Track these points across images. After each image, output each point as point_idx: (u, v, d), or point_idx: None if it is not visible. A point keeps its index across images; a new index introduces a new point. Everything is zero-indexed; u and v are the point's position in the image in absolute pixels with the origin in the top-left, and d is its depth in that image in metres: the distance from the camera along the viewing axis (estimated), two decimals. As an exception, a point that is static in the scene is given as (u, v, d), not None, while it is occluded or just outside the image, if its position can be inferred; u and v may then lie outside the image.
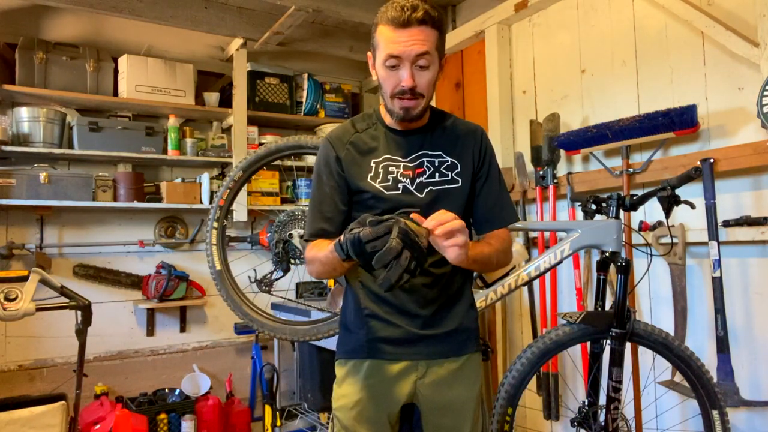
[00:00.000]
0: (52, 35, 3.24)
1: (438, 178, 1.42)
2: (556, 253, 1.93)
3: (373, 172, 1.42)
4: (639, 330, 1.80)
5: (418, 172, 1.42)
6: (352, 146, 1.45)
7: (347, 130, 1.48)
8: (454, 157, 1.45)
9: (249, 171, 2.37)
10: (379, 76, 1.38)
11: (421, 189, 1.41)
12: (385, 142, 1.44)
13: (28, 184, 2.94)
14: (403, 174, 1.41)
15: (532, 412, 2.84)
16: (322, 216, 1.44)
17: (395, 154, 1.43)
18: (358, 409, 1.40)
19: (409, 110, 1.36)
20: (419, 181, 1.41)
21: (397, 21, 1.30)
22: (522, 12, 2.91)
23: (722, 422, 1.79)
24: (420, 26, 1.30)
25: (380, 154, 1.44)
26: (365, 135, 1.46)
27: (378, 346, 1.41)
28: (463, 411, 1.44)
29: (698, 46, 2.22)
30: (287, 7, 3.08)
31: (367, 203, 1.41)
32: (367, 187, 1.41)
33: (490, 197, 1.47)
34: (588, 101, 2.66)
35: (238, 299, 2.32)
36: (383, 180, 1.41)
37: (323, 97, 3.91)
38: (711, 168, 2.05)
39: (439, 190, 1.42)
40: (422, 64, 1.32)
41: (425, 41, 1.31)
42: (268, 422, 2.68)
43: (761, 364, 2.05)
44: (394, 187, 1.40)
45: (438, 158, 1.44)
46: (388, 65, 1.33)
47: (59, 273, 3.19)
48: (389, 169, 1.42)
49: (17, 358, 3.09)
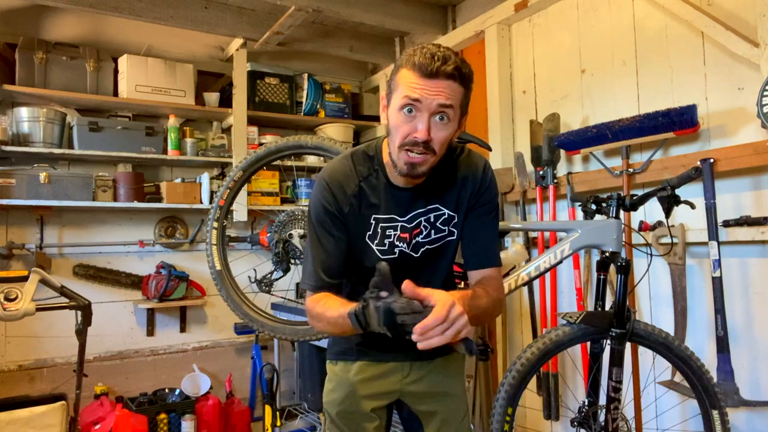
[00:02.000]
0: (52, 35, 3.23)
1: (434, 236, 1.37)
2: (556, 253, 1.93)
3: (371, 231, 1.36)
4: (639, 330, 1.80)
5: (415, 233, 1.36)
6: (356, 200, 1.35)
7: (349, 177, 1.36)
8: (451, 207, 1.38)
9: (249, 171, 2.38)
10: (391, 121, 1.25)
11: (417, 249, 1.37)
12: (385, 197, 1.35)
13: (28, 184, 2.94)
14: (400, 237, 1.36)
15: (532, 412, 2.84)
16: (325, 269, 1.35)
17: (394, 212, 1.36)
18: (347, 404, 1.45)
19: (414, 167, 1.24)
20: (415, 242, 1.37)
21: (425, 69, 1.18)
22: (522, 12, 2.91)
23: (722, 422, 1.79)
24: (447, 80, 1.18)
25: (381, 211, 1.36)
26: (368, 185, 1.36)
27: (367, 350, 1.44)
28: (452, 398, 1.48)
29: (698, 46, 2.22)
30: (287, 7, 3.08)
31: (356, 260, 1.37)
32: (365, 247, 1.36)
33: (481, 233, 1.39)
34: (588, 101, 2.66)
35: (238, 299, 2.33)
36: (380, 243, 1.36)
37: (323, 97, 3.91)
38: (711, 168, 2.05)
39: (435, 248, 1.38)
40: (441, 119, 1.21)
41: (450, 94, 1.20)
42: (268, 422, 2.68)
43: (761, 364, 2.05)
44: (390, 252, 1.36)
45: (434, 212, 1.37)
46: (404, 110, 1.21)
47: (59, 273, 3.19)
48: (387, 232, 1.36)
49: (17, 358, 3.09)
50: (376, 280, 1.11)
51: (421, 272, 1.38)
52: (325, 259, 1.35)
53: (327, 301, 1.31)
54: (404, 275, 1.35)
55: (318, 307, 1.31)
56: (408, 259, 1.37)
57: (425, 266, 1.40)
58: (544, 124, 2.71)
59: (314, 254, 1.36)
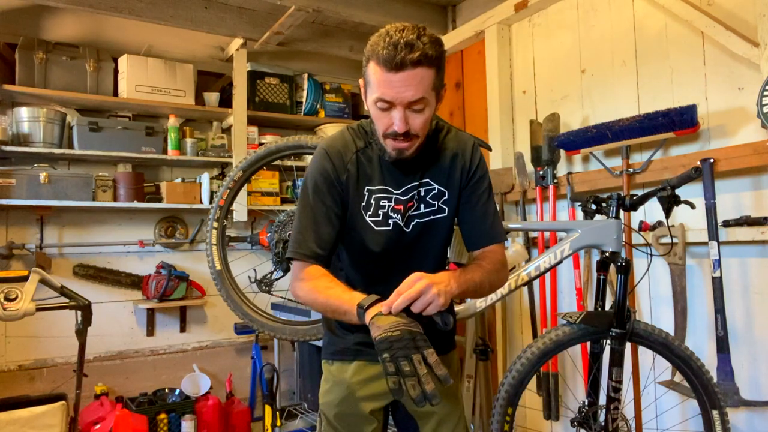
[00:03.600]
0: (52, 35, 3.24)
1: (424, 209, 1.38)
2: (556, 253, 1.93)
3: (365, 202, 1.37)
4: (639, 330, 1.80)
5: (409, 206, 1.37)
6: (353, 168, 1.37)
7: (347, 146, 1.38)
8: (442, 183, 1.39)
9: (249, 171, 2.38)
10: (371, 113, 1.29)
11: (408, 223, 1.38)
12: (379, 169, 1.37)
13: (28, 184, 2.94)
14: (394, 209, 1.36)
15: (532, 412, 2.84)
16: (317, 237, 1.33)
17: (388, 184, 1.37)
18: (345, 406, 1.44)
19: (402, 151, 1.29)
20: (408, 215, 1.37)
21: (390, 63, 1.17)
22: (522, 12, 2.91)
23: (722, 422, 1.79)
24: (415, 68, 1.18)
25: (375, 182, 1.37)
26: (363, 156, 1.38)
27: (364, 349, 1.41)
28: (448, 398, 1.47)
29: (698, 46, 2.22)
30: (287, 7, 3.08)
31: (350, 232, 1.38)
32: (358, 218, 1.37)
33: (477, 211, 1.40)
34: (588, 101, 2.66)
35: (238, 299, 2.33)
36: (374, 214, 1.36)
37: (323, 97, 3.91)
38: (711, 168, 2.05)
39: (426, 222, 1.39)
40: (416, 108, 1.23)
41: (419, 84, 1.20)
42: (268, 422, 2.68)
43: (761, 364, 2.05)
44: (384, 223, 1.36)
45: (425, 186, 1.38)
46: (379, 107, 1.24)
47: (59, 273, 3.19)
48: (381, 203, 1.36)
49: (17, 358, 3.09)
50: None
51: (412, 252, 1.39)
52: (315, 228, 1.33)
53: (326, 282, 1.29)
54: (396, 256, 1.39)
55: (314, 283, 1.29)
56: (401, 235, 1.37)
57: (416, 246, 1.40)
58: (544, 124, 2.71)
59: (305, 223, 1.35)
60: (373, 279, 1.40)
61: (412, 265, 1.29)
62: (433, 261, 1.42)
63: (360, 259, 1.42)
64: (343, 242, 1.41)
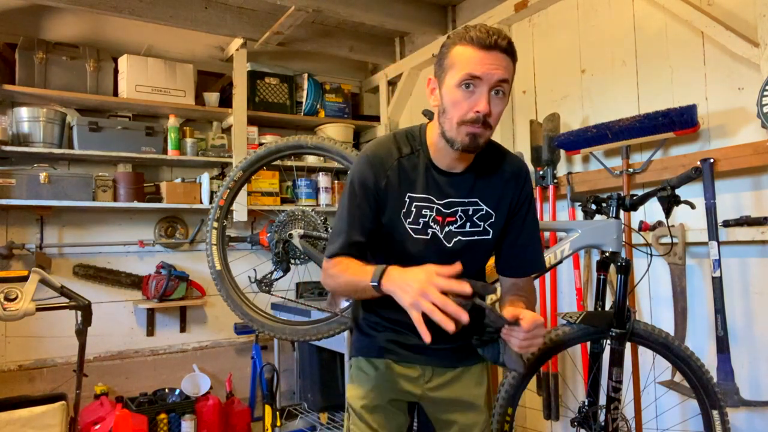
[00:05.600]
0: (52, 35, 3.23)
1: (469, 229, 1.37)
2: (556, 253, 1.93)
3: (405, 208, 1.35)
4: (639, 330, 1.80)
5: (449, 221, 1.36)
6: (393, 175, 1.36)
7: (390, 152, 1.37)
8: (491, 205, 1.38)
9: (249, 171, 2.37)
10: (447, 100, 1.26)
11: (450, 238, 1.36)
12: (424, 177, 1.36)
13: (28, 184, 2.94)
14: (434, 219, 1.35)
15: (532, 412, 2.84)
16: (361, 228, 1.36)
17: (432, 194, 1.36)
18: (371, 398, 1.44)
19: (476, 137, 1.25)
20: (449, 229, 1.36)
21: (483, 42, 1.21)
22: (522, 12, 2.91)
23: (722, 422, 1.78)
24: (503, 54, 1.22)
25: (417, 189, 1.36)
26: (407, 162, 1.37)
27: (393, 348, 1.44)
28: (473, 409, 1.47)
29: (698, 46, 2.22)
30: (287, 7, 3.08)
31: (389, 238, 1.38)
32: (397, 224, 1.35)
33: (520, 239, 1.41)
34: (588, 101, 2.66)
35: (238, 299, 2.32)
36: (414, 222, 1.35)
37: (323, 97, 3.91)
38: (711, 168, 2.05)
39: (469, 242, 1.38)
40: (500, 91, 1.24)
41: (507, 68, 1.23)
42: (268, 422, 2.68)
43: (761, 364, 2.05)
44: (423, 232, 1.35)
45: (473, 206, 1.37)
46: (462, 86, 1.23)
47: (59, 273, 3.19)
48: (422, 212, 1.35)
49: (17, 358, 3.09)
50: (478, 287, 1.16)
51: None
52: (348, 231, 1.36)
53: (349, 263, 1.33)
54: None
55: (338, 267, 1.34)
56: (439, 246, 1.36)
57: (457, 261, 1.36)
58: (544, 124, 2.71)
59: (349, 216, 1.37)
60: None
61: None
62: (477, 274, 1.43)
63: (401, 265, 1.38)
64: (383, 249, 1.40)
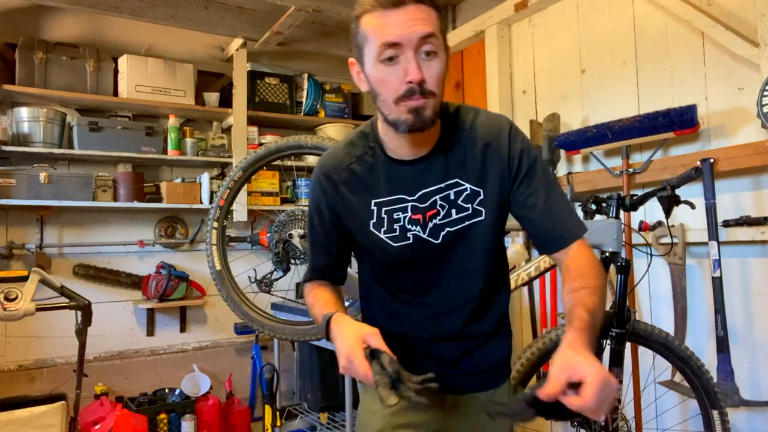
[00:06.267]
0: (52, 35, 3.23)
1: (456, 216, 1.14)
2: (556, 253, 1.92)
3: (375, 218, 1.16)
4: (639, 330, 1.80)
5: (430, 215, 1.14)
6: (347, 187, 1.17)
7: (340, 162, 1.19)
8: (474, 181, 1.14)
9: (249, 171, 2.37)
10: (374, 80, 1.06)
11: (437, 233, 1.15)
12: (385, 176, 1.15)
13: (28, 184, 2.94)
14: (411, 220, 1.14)
15: (532, 412, 2.84)
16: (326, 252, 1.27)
17: (400, 192, 1.15)
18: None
19: (420, 112, 1.03)
20: (433, 224, 1.14)
21: (387, 1, 1.01)
22: (522, 12, 2.91)
23: (722, 422, 1.78)
24: (417, 4, 1.01)
25: (381, 192, 1.16)
26: (362, 167, 1.17)
27: None
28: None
29: (698, 46, 2.22)
30: (287, 7, 3.08)
31: (373, 254, 1.21)
32: (371, 238, 1.17)
33: (538, 208, 1.13)
34: (588, 101, 2.66)
35: (238, 299, 2.32)
36: (389, 230, 1.15)
37: (323, 97, 3.91)
38: (711, 168, 2.05)
39: (459, 230, 1.15)
40: (429, 50, 1.02)
41: (427, 20, 1.01)
42: (268, 422, 2.68)
43: (761, 364, 2.05)
44: (403, 238, 1.15)
45: (454, 188, 1.14)
46: (384, 59, 1.02)
47: (59, 273, 3.19)
48: (394, 215, 1.15)
49: (17, 358, 3.09)
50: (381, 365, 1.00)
51: (450, 265, 1.18)
52: (313, 255, 1.29)
53: (316, 295, 1.25)
54: (429, 269, 1.18)
55: (309, 296, 1.27)
56: (428, 246, 1.16)
57: (452, 257, 1.17)
58: (544, 124, 2.71)
59: (309, 249, 1.31)
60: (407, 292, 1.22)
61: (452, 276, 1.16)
62: (480, 273, 1.19)
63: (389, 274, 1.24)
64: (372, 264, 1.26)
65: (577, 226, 1.14)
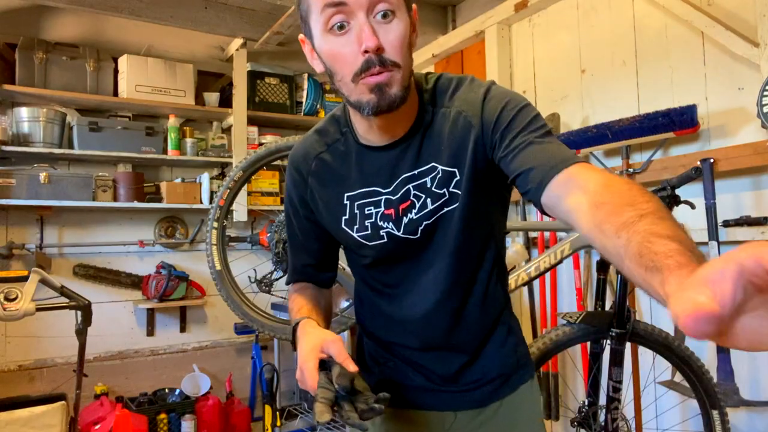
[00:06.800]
0: (52, 35, 3.24)
1: (431, 206, 0.96)
2: (556, 253, 1.93)
3: (348, 214, 1.01)
4: (639, 330, 1.80)
5: (403, 208, 0.97)
6: (316, 179, 1.04)
7: (308, 151, 1.06)
8: (447, 161, 0.95)
9: (249, 171, 2.37)
10: (326, 56, 0.89)
11: (414, 229, 0.98)
12: (357, 165, 1.00)
13: (28, 184, 2.94)
14: (383, 216, 0.98)
15: (532, 412, 2.84)
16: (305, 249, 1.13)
17: (372, 183, 0.99)
18: None
19: (383, 89, 0.85)
20: (407, 219, 0.97)
21: None
22: (522, 12, 2.91)
23: (722, 422, 1.79)
24: None
25: (353, 185, 1.00)
26: (332, 155, 1.03)
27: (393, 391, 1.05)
28: None
29: (698, 46, 2.22)
30: (287, 7, 3.08)
31: (351, 251, 1.08)
32: (343, 236, 1.03)
33: (523, 145, 0.88)
34: (588, 101, 2.66)
35: (238, 299, 2.32)
36: (361, 227, 1.00)
37: (323, 97, 3.91)
38: (711, 168, 2.05)
39: (437, 219, 0.97)
40: (384, 9, 0.84)
41: None
42: (268, 422, 2.68)
43: (761, 364, 2.05)
44: (376, 236, 1.00)
45: (429, 174, 0.96)
46: (332, 27, 0.85)
47: (59, 273, 3.19)
48: (365, 210, 0.99)
49: (17, 358, 3.09)
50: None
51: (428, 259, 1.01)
52: (292, 256, 1.15)
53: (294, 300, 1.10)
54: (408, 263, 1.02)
55: (290, 301, 1.12)
56: (406, 244, 0.99)
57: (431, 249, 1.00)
58: (544, 124, 2.71)
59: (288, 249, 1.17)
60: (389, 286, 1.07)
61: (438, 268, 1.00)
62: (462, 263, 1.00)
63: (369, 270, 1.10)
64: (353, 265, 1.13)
65: (573, 156, 0.86)
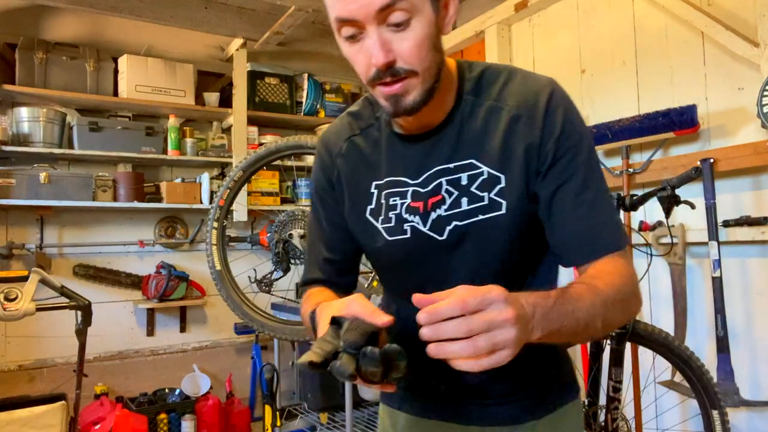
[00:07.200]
0: (52, 35, 3.23)
1: (467, 207, 0.87)
2: (556, 253, 1.92)
3: (374, 203, 0.94)
4: (639, 330, 1.80)
5: (433, 202, 0.88)
6: (345, 162, 0.98)
7: (340, 133, 1.00)
8: (493, 163, 0.86)
9: (249, 171, 2.38)
10: (345, 54, 0.86)
11: (441, 227, 0.88)
12: (387, 153, 0.94)
13: (28, 184, 2.94)
14: (409, 208, 0.90)
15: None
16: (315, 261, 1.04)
17: (401, 173, 0.92)
18: None
19: (398, 100, 0.81)
20: (436, 215, 0.88)
21: None
22: (522, 12, 2.91)
23: (722, 422, 1.78)
24: None
25: (381, 173, 0.94)
26: (364, 140, 0.97)
27: (412, 397, 1.00)
28: None
29: (698, 46, 2.22)
30: (287, 7, 3.08)
31: (369, 247, 0.98)
32: (368, 227, 0.95)
33: (571, 197, 0.84)
34: (588, 101, 2.66)
35: (238, 299, 2.33)
36: (385, 219, 0.92)
37: (323, 97, 3.91)
38: (711, 168, 2.05)
39: (470, 225, 0.87)
40: (397, 21, 0.78)
41: None
42: (268, 422, 2.68)
43: (761, 364, 2.05)
44: (399, 230, 0.91)
45: (467, 171, 0.87)
46: (345, 37, 0.82)
47: (59, 273, 3.19)
48: (390, 201, 0.92)
49: (17, 358, 3.09)
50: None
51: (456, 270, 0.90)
52: (313, 250, 1.05)
53: (312, 293, 1.01)
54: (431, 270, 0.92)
55: (303, 305, 1.01)
56: (430, 243, 0.90)
57: (462, 260, 0.90)
58: (544, 124, 2.71)
59: (309, 243, 1.07)
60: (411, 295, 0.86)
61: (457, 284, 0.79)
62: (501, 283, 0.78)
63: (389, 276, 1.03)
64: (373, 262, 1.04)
65: (619, 235, 0.85)
